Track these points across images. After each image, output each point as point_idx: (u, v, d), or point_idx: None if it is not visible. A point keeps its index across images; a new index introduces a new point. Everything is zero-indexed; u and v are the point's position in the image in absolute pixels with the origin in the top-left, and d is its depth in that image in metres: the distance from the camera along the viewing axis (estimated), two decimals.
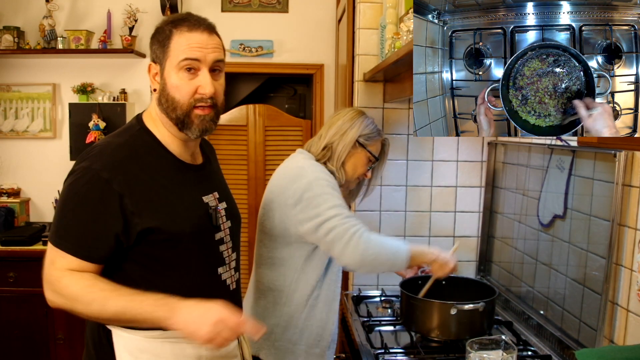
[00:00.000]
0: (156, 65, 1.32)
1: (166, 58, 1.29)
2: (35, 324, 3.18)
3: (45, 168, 3.59)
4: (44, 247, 3.16)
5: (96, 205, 1.22)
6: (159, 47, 1.30)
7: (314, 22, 3.53)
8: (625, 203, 1.54)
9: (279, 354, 1.77)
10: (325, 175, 1.73)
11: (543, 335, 1.89)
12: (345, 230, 1.62)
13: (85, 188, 1.22)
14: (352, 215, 1.69)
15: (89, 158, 1.25)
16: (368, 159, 1.86)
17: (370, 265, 1.65)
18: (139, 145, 1.30)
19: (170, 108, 1.29)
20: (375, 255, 1.62)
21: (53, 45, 3.40)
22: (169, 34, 1.29)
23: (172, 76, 1.28)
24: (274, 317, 1.78)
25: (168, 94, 1.29)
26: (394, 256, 1.67)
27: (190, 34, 1.29)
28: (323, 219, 1.64)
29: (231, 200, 1.49)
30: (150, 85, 1.35)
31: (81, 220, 1.22)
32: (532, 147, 2.08)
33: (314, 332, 1.80)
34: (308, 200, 1.67)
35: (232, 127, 3.57)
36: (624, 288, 1.55)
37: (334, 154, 1.82)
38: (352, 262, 1.64)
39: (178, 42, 1.28)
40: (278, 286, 1.79)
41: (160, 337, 1.27)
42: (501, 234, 2.37)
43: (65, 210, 1.24)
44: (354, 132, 1.82)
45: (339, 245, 1.62)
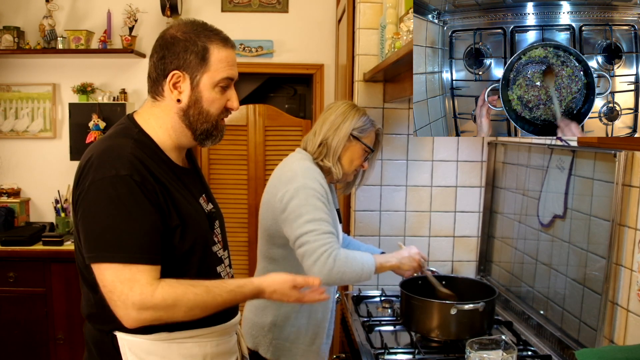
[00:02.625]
0: (185, 75, 1.29)
1: (204, 72, 1.29)
2: (35, 324, 3.18)
3: (45, 168, 3.59)
4: (44, 247, 3.17)
5: (145, 208, 1.18)
6: (196, 59, 1.28)
7: (314, 22, 3.53)
8: (625, 203, 1.54)
9: (277, 351, 1.83)
10: (313, 183, 1.74)
11: (543, 335, 1.89)
12: (316, 247, 1.65)
13: (128, 195, 1.17)
14: (329, 231, 1.69)
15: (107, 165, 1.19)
16: (363, 150, 1.87)
17: (336, 282, 1.71)
18: (145, 149, 1.28)
19: (202, 120, 1.31)
20: (341, 273, 1.67)
21: (53, 45, 3.40)
22: (206, 47, 1.28)
23: (209, 90, 1.30)
24: (271, 315, 1.84)
25: (202, 107, 1.30)
26: (360, 272, 1.71)
27: (226, 51, 1.31)
28: (299, 233, 1.68)
29: (215, 201, 1.50)
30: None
31: (142, 227, 1.17)
32: (532, 147, 2.08)
33: (310, 330, 1.85)
34: (292, 208, 1.71)
35: (232, 127, 3.57)
36: (624, 288, 1.55)
37: (329, 150, 1.83)
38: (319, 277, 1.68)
39: (218, 58, 1.29)
40: None
41: (167, 339, 1.27)
42: (501, 234, 2.37)
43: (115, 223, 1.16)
44: (347, 125, 1.83)
45: (308, 261, 1.66)
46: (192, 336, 1.30)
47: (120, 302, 1.15)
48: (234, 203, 3.54)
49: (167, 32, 1.31)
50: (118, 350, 1.27)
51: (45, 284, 3.15)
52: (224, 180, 3.56)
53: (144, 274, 1.16)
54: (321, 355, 1.88)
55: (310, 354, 1.85)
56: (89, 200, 1.19)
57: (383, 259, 1.81)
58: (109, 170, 1.18)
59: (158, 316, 1.17)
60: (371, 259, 1.75)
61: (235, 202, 3.54)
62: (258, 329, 1.84)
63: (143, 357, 1.26)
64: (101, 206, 1.17)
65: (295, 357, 1.83)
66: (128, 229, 1.17)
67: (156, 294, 1.15)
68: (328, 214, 1.73)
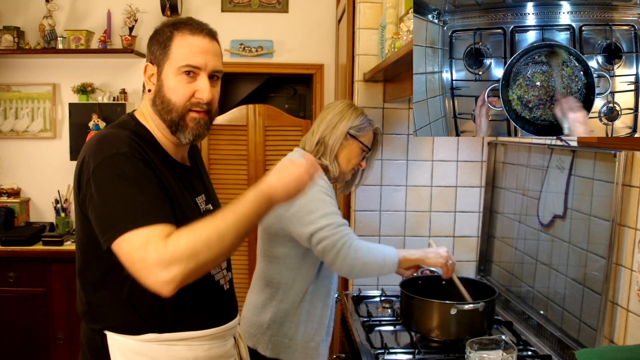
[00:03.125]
0: (153, 66, 1.31)
1: (166, 60, 1.28)
2: (35, 324, 3.18)
3: (45, 168, 3.59)
4: (44, 247, 3.17)
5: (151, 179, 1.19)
6: (159, 48, 1.29)
7: (314, 22, 3.53)
8: (625, 203, 1.54)
9: (276, 349, 1.83)
10: (318, 180, 1.74)
11: (543, 335, 1.89)
12: (335, 241, 1.67)
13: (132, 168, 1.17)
14: (343, 223, 1.72)
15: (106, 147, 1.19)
16: (361, 149, 1.87)
17: (359, 273, 1.71)
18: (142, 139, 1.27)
19: (165, 110, 1.28)
20: (363, 264, 1.68)
21: (53, 45, 3.40)
22: (170, 35, 1.28)
23: (170, 78, 1.27)
24: (270, 312, 1.84)
25: (164, 95, 1.28)
26: (383, 263, 1.72)
27: (192, 38, 1.28)
28: (315, 228, 1.68)
29: (217, 203, 1.49)
30: (145, 85, 1.34)
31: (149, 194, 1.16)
32: (532, 147, 2.09)
33: (309, 327, 1.85)
34: (300, 206, 1.71)
35: (232, 127, 3.57)
36: (624, 288, 1.55)
37: (326, 148, 1.84)
38: (342, 270, 1.71)
39: (179, 45, 1.27)
40: (275, 283, 1.85)
41: (155, 341, 1.26)
42: (501, 234, 2.37)
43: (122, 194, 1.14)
44: (344, 124, 1.84)
45: (330, 256, 1.68)
46: (182, 339, 1.28)
47: (144, 271, 1.08)
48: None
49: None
50: (107, 350, 1.26)
51: (45, 284, 3.15)
52: (224, 180, 3.56)
53: (155, 233, 1.10)
54: (320, 352, 1.88)
55: (309, 351, 1.85)
56: (95, 184, 1.17)
57: (406, 252, 1.81)
58: (109, 150, 1.18)
59: (186, 268, 1.08)
60: (394, 250, 1.75)
61: None
62: (256, 327, 1.85)
63: (131, 357, 1.25)
64: (108, 185, 1.16)
65: (294, 354, 1.83)
66: (136, 198, 1.14)
67: (169, 245, 1.08)
68: (337, 207, 1.74)
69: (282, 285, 1.84)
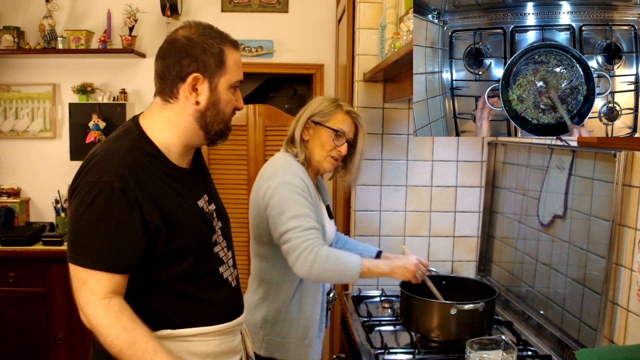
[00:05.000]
0: (204, 77, 1.30)
1: (222, 75, 1.31)
2: (35, 324, 3.18)
3: (45, 168, 3.59)
4: (44, 247, 3.17)
5: (118, 216, 1.20)
6: (215, 61, 1.30)
7: (314, 22, 3.53)
8: (625, 203, 1.54)
9: (270, 348, 1.84)
10: (293, 179, 1.76)
11: (543, 335, 1.89)
12: (297, 245, 1.67)
13: (102, 201, 1.19)
14: (311, 227, 1.70)
15: (94, 169, 1.22)
16: (330, 134, 1.86)
17: (317, 279, 1.72)
18: (141, 152, 1.28)
19: (219, 121, 1.34)
20: (321, 270, 1.67)
21: (53, 45, 3.40)
22: (222, 49, 1.32)
23: (226, 92, 1.33)
24: (263, 311, 1.86)
25: (220, 108, 1.33)
26: (343, 272, 1.71)
27: (237, 54, 1.36)
28: (282, 230, 1.70)
29: (219, 201, 1.50)
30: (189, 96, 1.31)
31: (107, 234, 1.20)
32: (532, 147, 2.08)
33: (301, 325, 1.86)
34: (273, 205, 1.73)
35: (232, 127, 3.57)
36: (624, 288, 1.55)
37: (294, 138, 1.89)
38: (301, 274, 1.70)
39: (232, 60, 1.33)
40: (267, 282, 1.87)
41: (170, 337, 1.29)
42: (501, 234, 2.37)
43: (85, 227, 1.21)
44: (306, 113, 1.89)
45: (290, 258, 1.69)
46: (196, 334, 1.32)
47: (77, 300, 1.22)
48: (234, 203, 3.54)
49: (179, 34, 1.30)
50: None
51: (45, 284, 3.15)
52: (224, 180, 3.56)
53: (94, 279, 1.20)
54: (315, 348, 1.87)
55: (303, 348, 1.85)
56: (73, 203, 1.24)
57: (372, 264, 1.78)
58: (91, 176, 1.22)
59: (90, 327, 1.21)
60: (357, 261, 1.72)
61: (235, 202, 3.54)
62: (250, 326, 1.85)
63: None
64: (77, 212, 1.22)
65: (289, 352, 1.84)
66: (94, 234, 1.21)
67: (90, 307, 1.19)
68: (310, 209, 1.73)
69: (272, 285, 1.85)
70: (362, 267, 1.72)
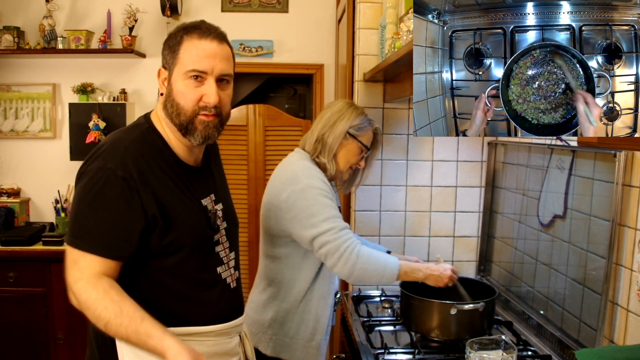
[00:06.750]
0: (165, 70, 1.33)
1: (175, 64, 1.30)
2: (35, 324, 3.18)
3: (45, 168, 3.59)
4: (44, 247, 3.17)
5: (117, 203, 1.22)
6: (170, 53, 1.32)
7: (314, 22, 3.53)
8: (625, 203, 1.54)
9: (277, 348, 1.84)
10: (317, 182, 1.76)
11: (543, 335, 1.89)
12: (338, 245, 1.68)
13: (103, 187, 1.22)
14: (345, 227, 1.72)
15: (100, 157, 1.25)
16: (360, 149, 1.88)
17: (357, 278, 1.72)
18: (147, 144, 1.31)
19: (175, 113, 1.31)
20: (363, 270, 1.69)
21: (53, 45, 3.40)
22: (180, 40, 1.30)
23: (178, 83, 1.30)
24: (272, 311, 1.85)
25: (173, 99, 1.31)
26: (383, 272, 1.72)
27: (200, 42, 1.29)
28: (317, 232, 1.69)
29: (228, 202, 1.50)
30: (159, 89, 1.36)
31: (104, 219, 1.22)
32: (532, 147, 2.08)
33: (309, 326, 1.86)
34: (301, 209, 1.72)
35: (232, 127, 3.57)
36: (624, 288, 1.55)
37: (325, 146, 1.85)
38: (342, 274, 1.71)
39: (187, 49, 1.29)
40: (277, 282, 1.86)
41: None
42: (501, 234, 2.37)
43: (84, 211, 1.24)
44: (343, 123, 1.84)
45: (331, 260, 1.69)
46: (189, 334, 1.31)
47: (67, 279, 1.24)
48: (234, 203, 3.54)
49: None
50: (115, 344, 1.27)
51: (45, 284, 3.15)
52: None
53: (85, 261, 1.21)
54: (320, 351, 1.88)
55: (309, 349, 1.85)
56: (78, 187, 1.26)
57: (409, 268, 1.79)
58: (97, 162, 1.24)
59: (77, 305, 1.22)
60: (396, 262, 1.75)
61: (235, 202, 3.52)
62: (258, 326, 1.85)
63: (140, 353, 1.26)
64: (80, 196, 1.24)
65: (295, 352, 1.84)
66: (95, 218, 1.23)
67: (78, 285, 1.20)
68: (337, 210, 1.75)
69: (283, 285, 1.84)
70: (400, 269, 1.75)
